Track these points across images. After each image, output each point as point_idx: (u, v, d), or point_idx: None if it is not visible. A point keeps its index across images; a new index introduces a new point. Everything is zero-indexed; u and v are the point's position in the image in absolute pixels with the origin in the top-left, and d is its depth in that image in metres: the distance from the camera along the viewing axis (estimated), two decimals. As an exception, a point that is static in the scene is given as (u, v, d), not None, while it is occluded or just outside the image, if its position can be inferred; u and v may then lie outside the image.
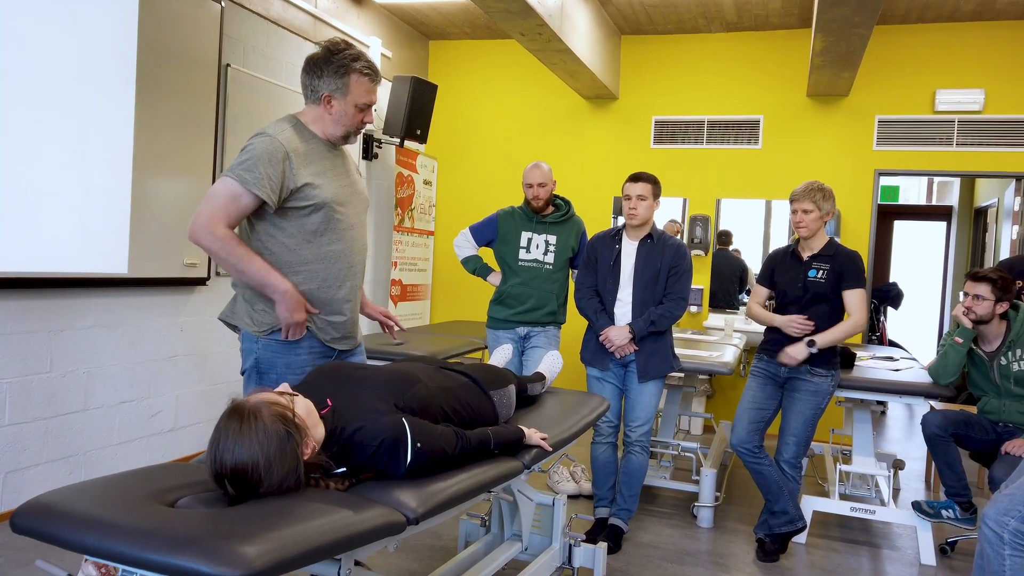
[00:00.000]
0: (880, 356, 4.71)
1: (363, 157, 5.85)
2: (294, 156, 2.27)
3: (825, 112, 5.93)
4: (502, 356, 3.07)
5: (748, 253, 6.30)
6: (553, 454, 2.39)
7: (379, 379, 1.94)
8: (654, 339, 3.49)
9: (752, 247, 6.28)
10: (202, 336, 4.41)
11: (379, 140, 5.91)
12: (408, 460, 1.78)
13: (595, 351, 3.58)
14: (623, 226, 3.59)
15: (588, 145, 6.48)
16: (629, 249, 3.54)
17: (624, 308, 3.51)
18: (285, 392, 1.73)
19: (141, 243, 3.84)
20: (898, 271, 9.22)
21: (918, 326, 9.09)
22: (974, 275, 3.59)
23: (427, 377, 2.07)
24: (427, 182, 6.58)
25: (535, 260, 3.89)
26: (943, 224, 9.21)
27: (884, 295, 7.59)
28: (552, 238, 3.90)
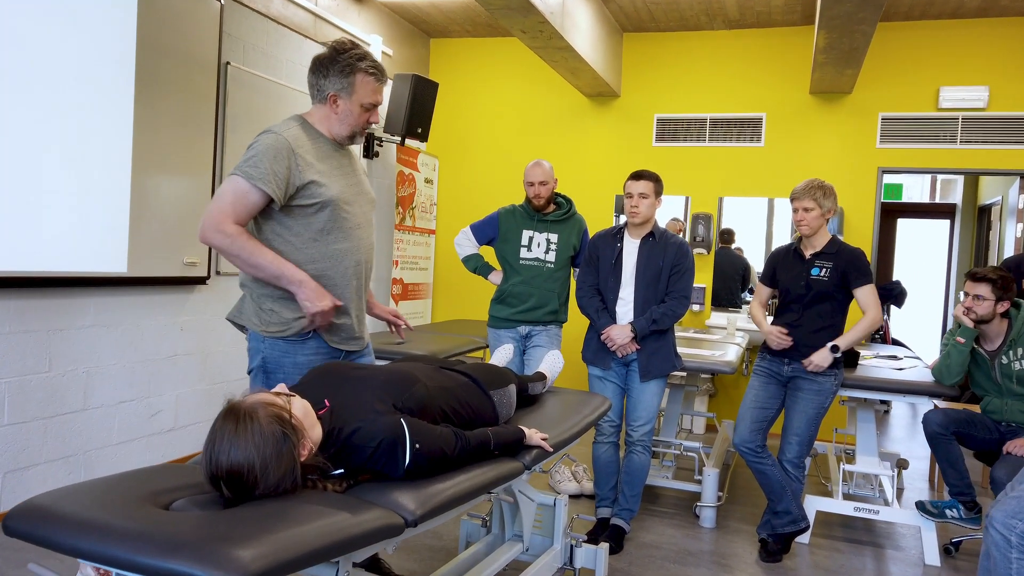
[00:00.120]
0: (884, 355, 4.68)
1: (364, 155, 5.83)
2: (300, 153, 2.27)
3: (828, 109, 5.90)
4: (503, 356, 3.06)
5: (750, 251, 6.28)
6: (554, 454, 2.37)
7: (378, 379, 1.91)
8: (656, 338, 3.48)
9: (754, 245, 6.26)
10: (202, 335, 4.39)
11: (380, 138, 5.89)
12: (406, 461, 1.76)
13: (597, 350, 3.56)
14: (625, 224, 3.57)
15: (590, 143, 6.45)
16: (631, 247, 3.52)
17: (626, 307, 3.49)
18: (282, 393, 1.71)
19: (141, 242, 3.83)
20: (901, 269, 9.19)
21: (922, 325, 9.05)
22: (973, 275, 3.56)
23: (426, 377, 2.05)
24: (428, 180, 6.57)
25: (536, 259, 3.87)
26: (947, 222, 9.17)
27: (887, 293, 7.55)
28: (553, 237, 3.87)
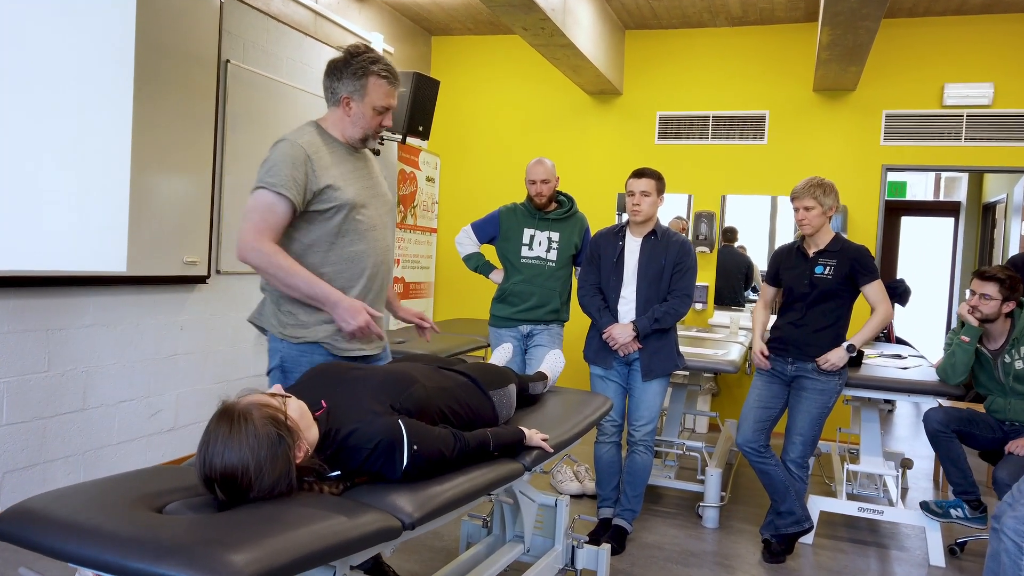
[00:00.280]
0: (888, 354, 4.65)
1: (365, 154, 5.81)
2: (315, 158, 2.31)
3: (832, 107, 5.86)
4: (503, 355, 3.03)
5: (753, 250, 6.25)
6: (555, 455, 2.35)
7: (375, 380, 1.89)
8: (658, 337, 3.45)
9: (757, 244, 6.23)
10: (203, 334, 4.38)
11: (381, 137, 5.86)
12: (404, 463, 1.73)
13: (598, 349, 3.53)
14: (627, 222, 3.54)
15: (592, 141, 6.42)
16: (633, 246, 3.49)
17: (628, 305, 3.46)
18: (277, 394, 1.69)
19: (140, 241, 3.81)
20: (905, 267, 9.15)
21: (926, 323, 9.01)
22: (982, 274, 3.53)
23: (424, 377, 2.02)
24: (430, 179, 6.54)
25: (538, 257, 3.84)
26: (951, 220, 9.13)
27: (891, 292, 7.48)
28: (555, 235, 3.85)
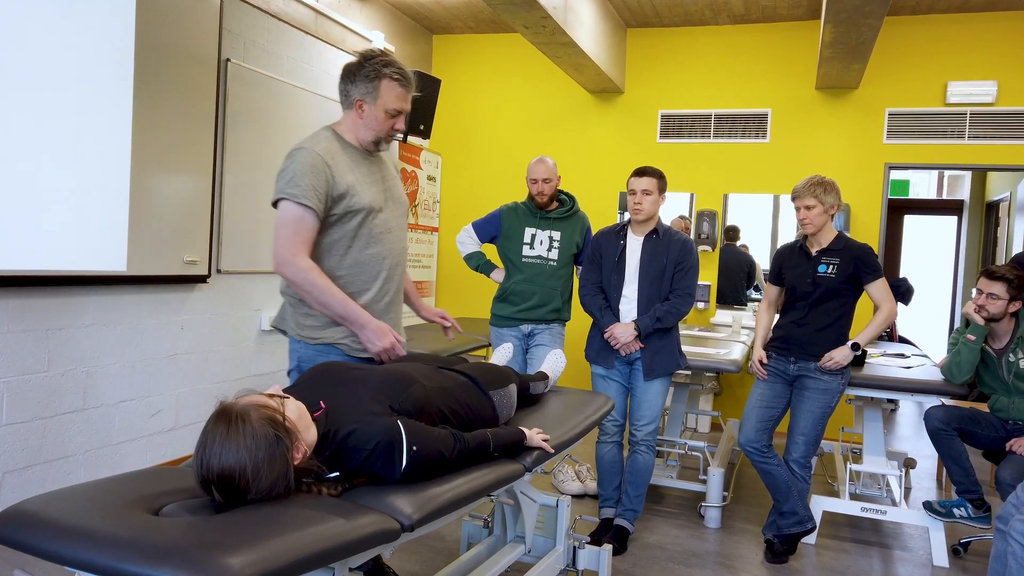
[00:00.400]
0: (891, 353, 4.63)
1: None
2: (333, 165, 2.34)
3: (834, 105, 5.83)
4: (503, 355, 3.02)
5: (756, 248, 6.23)
6: (556, 455, 2.33)
7: (374, 380, 1.87)
8: (660, 336, 3.43)
9: (760, 242, 6.21)
10: (203, 334, 4.36)
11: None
12: (403, 464, 1.72)
13: (600, 349, 3.52)
14: (628, 221, 3.53)
15: (593, 140, 6.40)
16: (634, 245, 3.47)
17: (629, 305, 3.45)
18: (275, 394, 1.67)
19: (140, 240, 3.80)
20: (908, 266, 9.12)
21: (929, 322, 8.99)
22: (990, 273, 3.51)
23: (424, 377, 2.00)
24: (431, 178, 6.53)
25: (539, 256, 3.82)
26: (954, 218, 9.10)
27: (894, 291, 7.47)
28: (556, 234, 3.83)
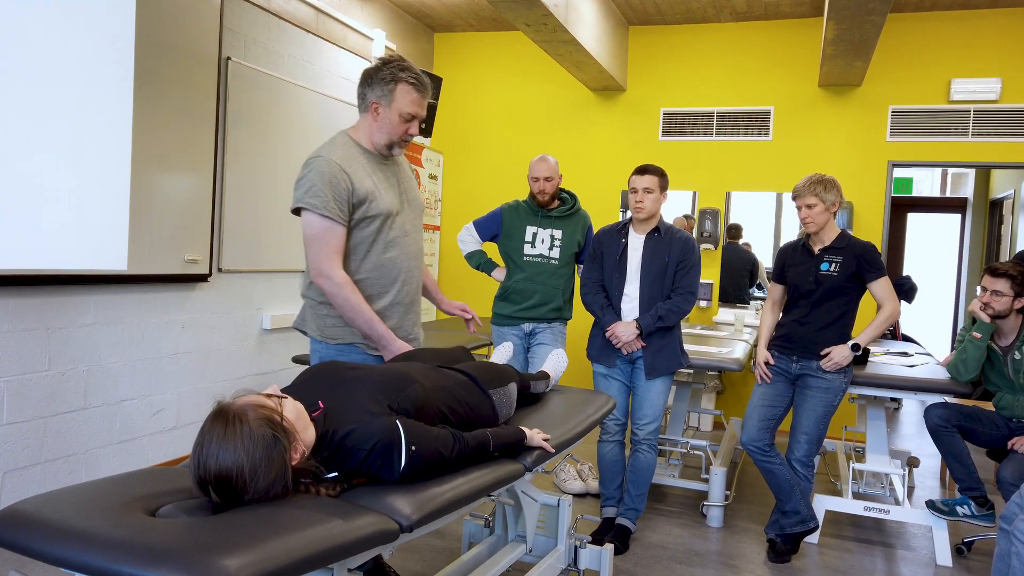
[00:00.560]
0: (894, 351, 4.61)
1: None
2: (350, 172, 2.37)
3: (837, 102, 5.81)
4: (503, 355, 3.00)
5: (759, 247, 6.21)
6: (557, 455, 2.32)
7: (373, 380, 1.86)
8: (662, 335, 3.42)
9: (763, 241, 6.19)
10: (204, 333, 4.36)
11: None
12: (402, 464, 1.70)
13: (601, 347, 3.51)
14: (630, 219, 3.51)
15: (595, 138, 6.38)
16: (636, 243, 3.46)
17: (631, 303, 3.43)
18: (273, 394, 1.66)
19: (141, 239, 3.79)
20: (912, 264, 9.10)
21: (932, 320, 8.96)
22: (993, 270, 3.49)
23: (423, 376, 1.99)
24: (432, 176, 6.52)
25: (540, 255, 3.81)
26: (958, 216, 9.07)
27: (898, 289, 7.45)
28: (558, 233, 3.81)
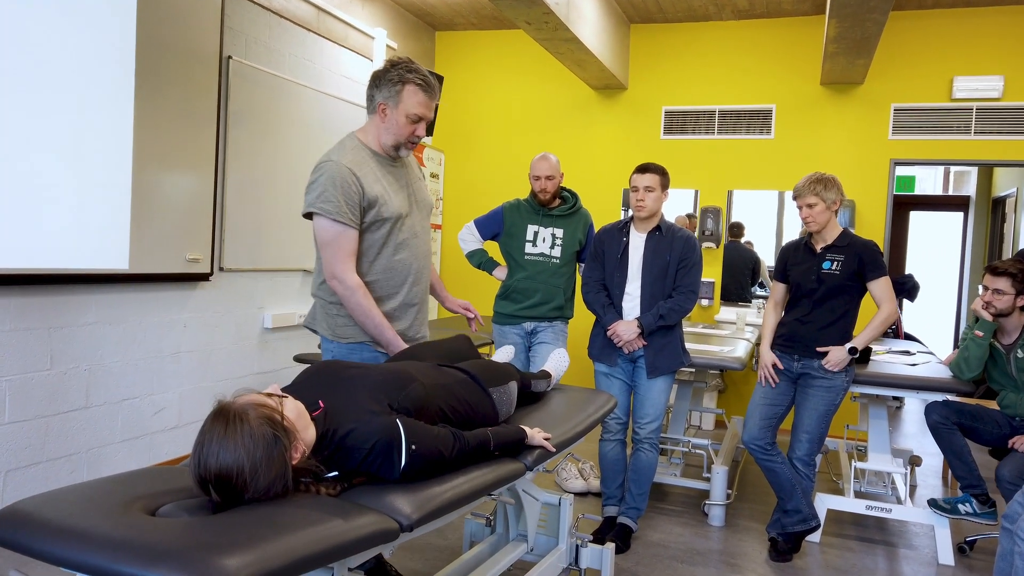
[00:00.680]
0: (896, 350, 4.60)
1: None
2: (360, 176, 2.38)
3: (839, 101, 5.80)
4: (504, 356, 3.00)
5: (761, 245, 6.20)
6: (557, 454, 2.32)
7: (373, 379, 1.86)
8: (663, 334, 3.42)
9: (765, 239, 6.18)
10: (206, 332, 4.36)
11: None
12: (402, 463, 1.70)
13: (603, 346, 3.50)
14: (631, 218, 3.51)
15: (597, 136, 6.38)
16: (637, 242, 3.45)
17: (632, 302, 3.43)
18: (274, 393, 1.66)
19: (142, 238, 3.80)
20: (914, 263, 9.08)
21: (935, 319, 8.95)
22: (993, 269, 3.48)
23: (423, 375, 1.99)
24: (434, 175, 6.51)
25: (541, 254, 3.81)
26: (960, 215, 9.05)
27: (900, 287, 7.47)
28: (559, 231, 3.81)
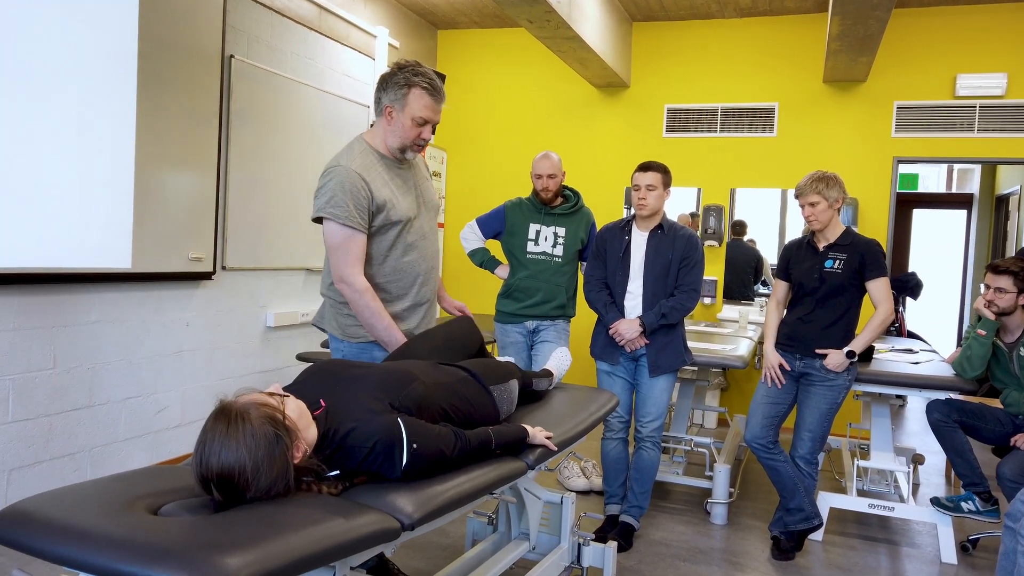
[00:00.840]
0: (899, 348, 4.59)
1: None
2: (369, 180, 2.39)
3: (842, 98, 5.79)
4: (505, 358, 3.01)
5: (763, 243, 6.19)
6: (559, 453, 2.32)
7: (374, 378, 1.86)
8: (665, 332, 3.41)
9: (767, 237, 6.17)
10: (208, 331, 4.37)
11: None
12: (404, 462, 1.70)
13: (605, 345, 3.50)
14: (633, 216, 3.51)
15: (599, 135, 6.37)
16: (639, 240, 3.45)
17: (634, 300, 3.43)
18: (276, 393, 1.67)
19: (145, 237, 3.80)
20: (917, 261, 9.07)
21: (938, 317, 8.93)
22: (995, 267, 3.48)
23: (423, 374, 1.99)
24: (436, 174, 6.51)
25: (543, 253, 3.81)
26: (963, 212, 9.03)
27: (903, 285, 7.47)
28: (561, 230, 3.81)
